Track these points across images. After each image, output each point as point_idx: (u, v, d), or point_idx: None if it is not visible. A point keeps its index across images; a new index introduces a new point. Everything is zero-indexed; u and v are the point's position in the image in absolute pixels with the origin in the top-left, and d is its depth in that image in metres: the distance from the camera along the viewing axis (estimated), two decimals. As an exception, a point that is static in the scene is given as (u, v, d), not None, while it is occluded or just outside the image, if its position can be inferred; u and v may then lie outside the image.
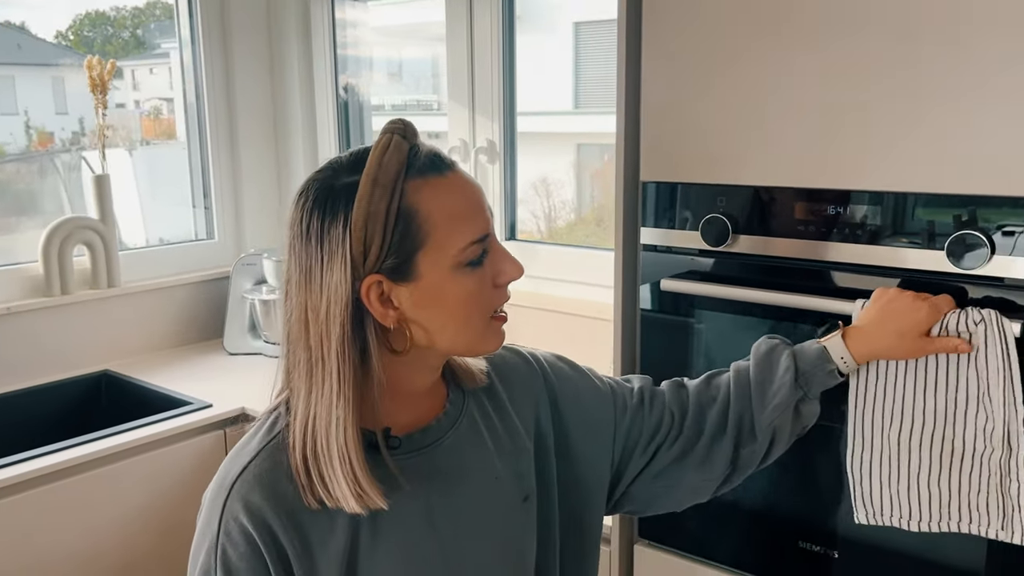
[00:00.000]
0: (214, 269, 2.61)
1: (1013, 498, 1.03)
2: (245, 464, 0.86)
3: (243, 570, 0.84)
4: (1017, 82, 1.01)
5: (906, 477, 1.08)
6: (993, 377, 1.02)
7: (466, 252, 0.84)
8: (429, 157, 0.84)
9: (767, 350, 1.06)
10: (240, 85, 2.63)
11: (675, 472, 1.05)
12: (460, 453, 0.93)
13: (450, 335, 0.87)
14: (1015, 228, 1.03)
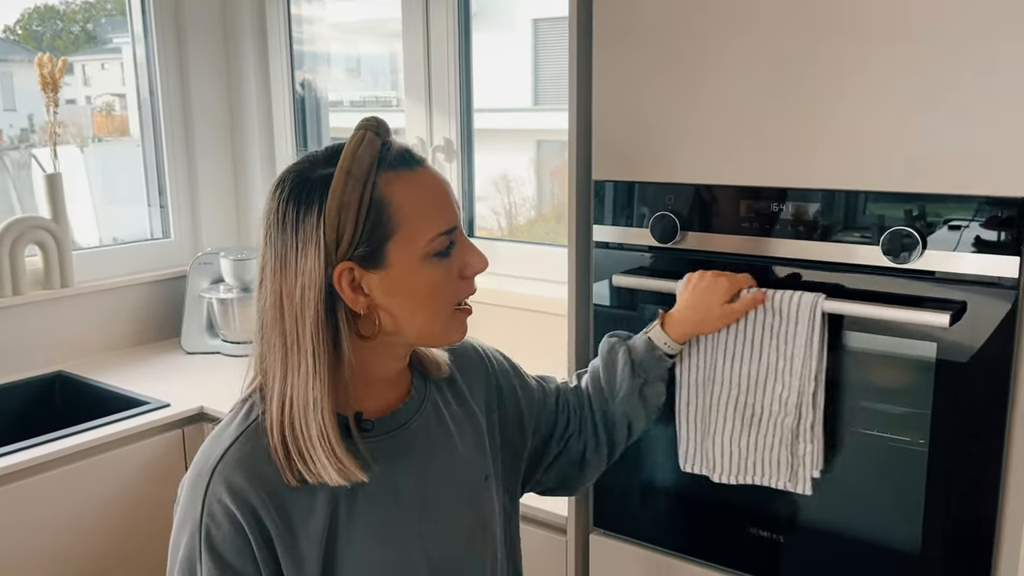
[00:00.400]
0: (170, 268, 2.59)
1: (799, 457, 1.19)
2: (225, 449, 0.89)
3: (228, 551, 0.86)
4: (945, 85, 1.05)
5: (713, 435, 1.24)
6: (798, 351, 1.15)
7: (434, 243, 0.88)
8: (400, 152, 0.89)
9: (608, 349, 1.21)
10: (195, 81, 2.61)
11: (580, 458, 1.18)
12: (426, 436, 0.98)
13: (417, 323, 0.91)
14: (946, 224, 1.08)
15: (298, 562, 0.88)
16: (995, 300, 1.06)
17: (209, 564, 0.86)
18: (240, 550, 0.86)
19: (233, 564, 0.86)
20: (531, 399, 1.15)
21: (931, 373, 1.12)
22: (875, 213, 1.14)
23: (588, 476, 1.20)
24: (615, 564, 1.46)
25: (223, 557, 0.86)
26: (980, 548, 1.12)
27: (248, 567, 0.87)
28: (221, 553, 0.86)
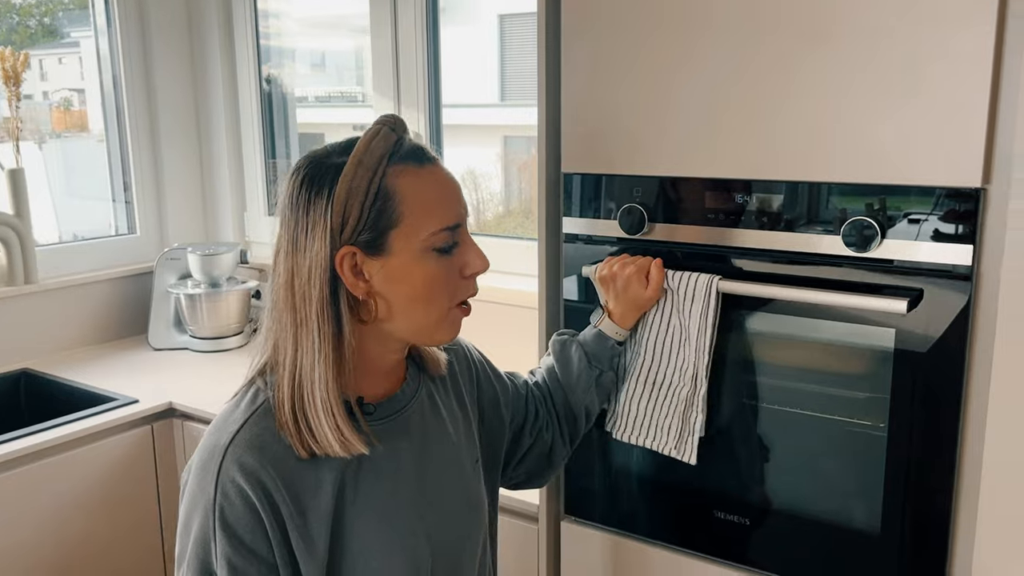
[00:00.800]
0: (136, 264, 2.57)
1: (690, 425, 1.27)
2: (235, 431, 0.91)
3: (243, 529, 0.88)
4: (902, 78, 1.09)
5: (623, 396, 1.32)
6: (694, 326, 1.24)
7: (435, 237, 0.92)
8: (412, 148, 0.93)
9: (560, 347, 1.27)
10: (159, 75, 2.59)
11: (549, 451, 1.24)
12: (422, 420, 1.03)
13: (412, 314, 0.94)
14: (904, 214, 1.12)
15: (308, 541, 0.91)
16: (951, 288, 1.10)
17: (224, 543, 0.88)
18: (254, 529, 0.89)
19: (248, 542, 0.89)
20: (506, 392, 1.19)
21: (890, 359, 1.16)
22: (836, 204, 1.17)
23: (554, 468, 1.26)
24: (586, 551, 1.48)
25: (238, 535, 0.88)
26: (937, 528, 1.16)
27: (262, 546, 0.89)
28: (236, 531, 0.88)
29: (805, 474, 1.27)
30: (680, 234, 1.30)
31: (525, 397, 1.22)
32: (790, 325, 1.25)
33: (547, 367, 1.29)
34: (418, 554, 0.98)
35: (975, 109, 1.05)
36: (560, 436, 1.24)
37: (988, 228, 1.08)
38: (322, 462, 0.92)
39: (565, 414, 1.25)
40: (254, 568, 0.89)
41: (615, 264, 1.28)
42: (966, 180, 1.07)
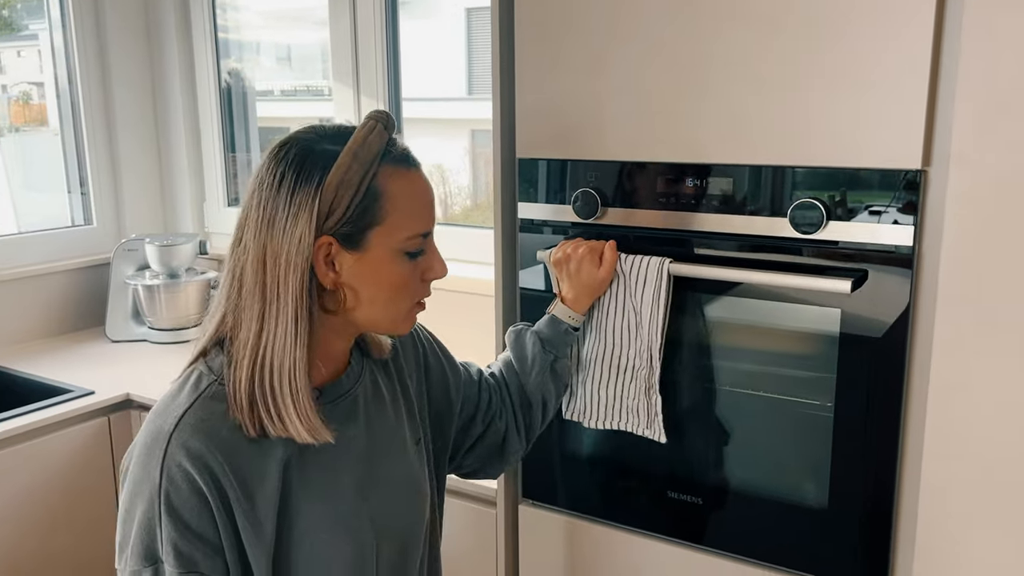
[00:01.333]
0: (93, 255, 2.54)
1: (654, 406, 1.30)
2: (180, 414, 0.90)
3: (189, 513, 0.88)
4: (845, 64, 1.12)
5: (586, 384, 1.34)
6: (646, 308, 1.27)
7: (410, 241, 0.94)
8: (404, 151, 0.95)
9: (515, 336, 1.29)
10: (116, 68, 2.56)
11: (502, 441, 1.25)
12: (366, 404, 1.04)
13: (375, 309, 0.96)
14: (848, 196, 1.15)
15: (255, 525, 0.91)
16: (894, 269, 1.13)
17: (170, 528, 0.87)
18: (200, 513, 0.88)
19: (194, 527, 0.88)
20: (457, 377, 1.20)
21: (836, 339, 1.19)
22: (784, 188, 1.20)
23: (507, 460, 1.26)
24: (544, 534, 1.50)
25: (184, 520, 0.88)
26: (882, 502, 1.19)
27: (208, 530, 0.89)
28: (182, 516, 0.88)
29: (756, 453, 1.30)
30: (633, 218, 1.32)
31: (478, 384, 1.23)
32: (741, 307, 1.27)
33: (503, 358, 1.30)
34: (363, 537, 0.98)
35: (915, 93, 1.08)
36: (515, 425, 1.24)
37: (928, 209, 1.11)
38: (268, 447, 0.92)
39: (520, 401, 1.26)
40: (200, 552, 0.88)
41: (568, 247, 1.30)
42: (906, 162, 1.10)
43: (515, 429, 1.25)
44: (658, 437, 1.31)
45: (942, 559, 1.14)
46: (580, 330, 1.32)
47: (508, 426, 1.24)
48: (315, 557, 0.95)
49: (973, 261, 1.07)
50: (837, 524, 1.23)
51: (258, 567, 0.91)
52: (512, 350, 1.29)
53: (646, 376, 1.30)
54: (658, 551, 1.38)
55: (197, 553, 0.88)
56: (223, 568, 0.90)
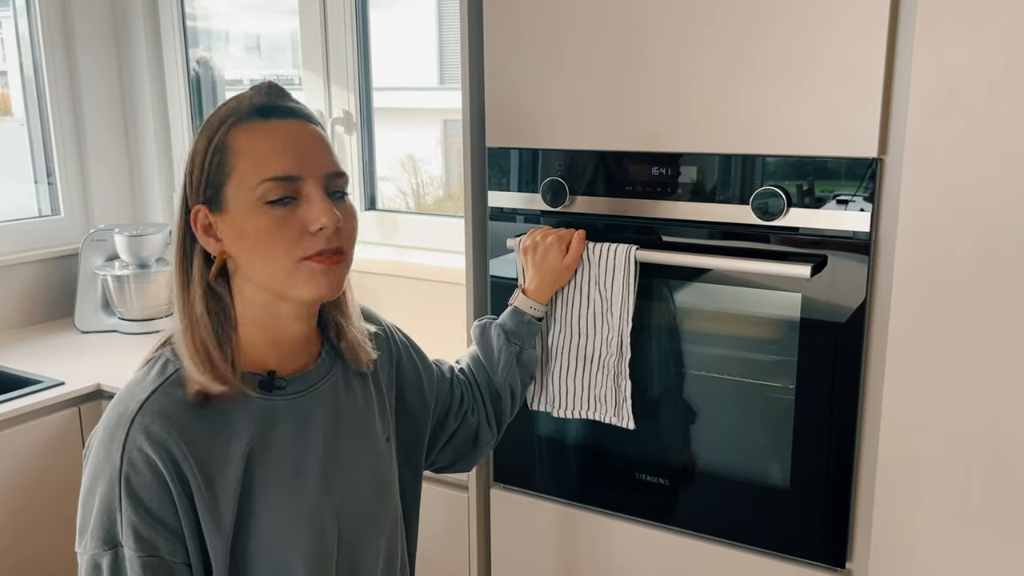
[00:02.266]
0: (61, 246, 2.52)
1: (623, 392, 1.32)
2: (144, 399, 0.90)
3: (150, 497, 0.88)
4: (805, 55, 1.14)
5: (554, 375, 1.37)
6: (616, 295, 1.29)
7: (263, 188, 0.90)
8: (260, 105, 0.92)
9: (480, 330, 1.31)
10: (82, 56, 2.53)
11: (475, 434, 1.25)
12: (335, 398, 1.03)
13: (259, 269, 0.93)
14: (809, 184, 1.18)
15: (215, 513, 0.91)
16: (852, 254, 1.17)
17: (130, 511, 0.87)
18: (161, 498, 0.88)
19: (154, 511, 0.88)
20: (431, 376, 1.20)
21: (797, 323, 1.22)
22: (746, 176, 1.22)
23: (479, 452, 1.27)
24: (515, 517, 1.52)
25: (144, 503, 0.88)
26: (841, 481, 1.23)
27: (168, 514, 0.89)
28: (142, 499, 0.88)
29: (721, 435, 1.33)
30: (601, 206, 1.34)
31: (450, 381, 1.23)
32: (706, 293, 1.30)
33: (470, 353, 1.31)
34: (324, 530, 0.98)
35: (871, 83, 1.11)
36: (486, 419, 1.26)
37: (885, 196, 1.14)
38: (232, 434, 0.93)
39: (490, 394, 1.27)
40: (160, 537, 0.88)
41: (537, 235, 1.32)
42: (863, 151, 1.13)
43: (486, 421, 1.26)
44: (626, 424, 1.33)
45: (898, 536, 1.19)
46: (544, 320, 1.34)
47: (480, 419, 1.25)
48: (275, 548, 0.94)
49: (927, 247, 1.10)
50: (799, 503, 1.26)
51: (216, 556, 0.91)
52: (478, 345, 1.30)
53: (615, 363, 1.32)
54: (627, 531, 1.41)
55: (157, 537, 0.88)
56: (184, 553, 0.90)
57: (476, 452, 1.27)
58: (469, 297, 1.51)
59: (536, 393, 1.39)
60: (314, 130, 0.95)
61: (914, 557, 1.18)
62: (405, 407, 1.15)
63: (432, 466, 1.25)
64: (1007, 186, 1.04)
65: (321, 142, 0.94)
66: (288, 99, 0.95)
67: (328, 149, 0.95)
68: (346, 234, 0.95)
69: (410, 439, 1.16)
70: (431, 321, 2.14)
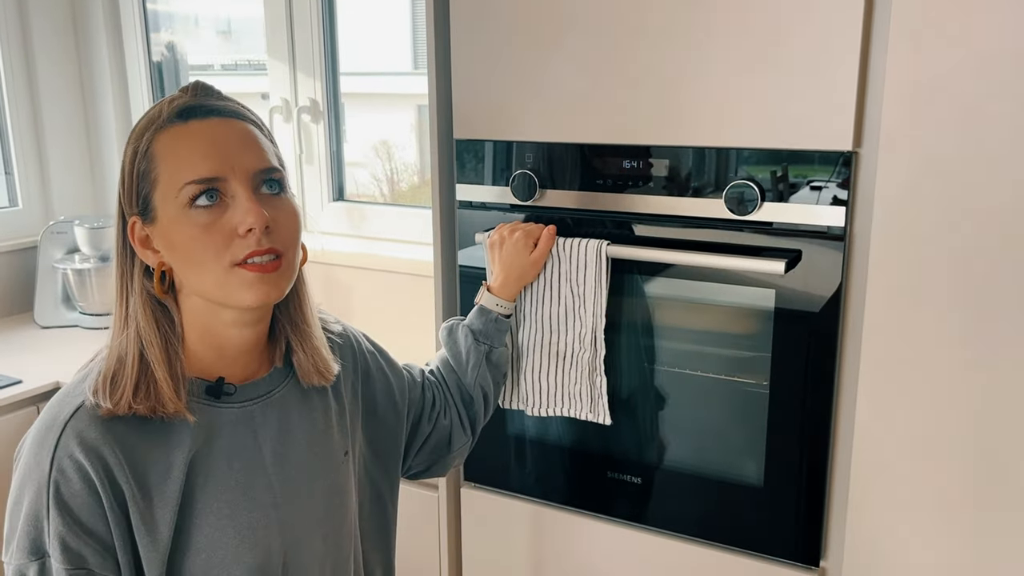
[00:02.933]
0: (19, 239, 2.45)
1: (598, 388, 1.30)
2: (79, 404, 0.86)
3: (79, 507, 0.83)
4: (779, 49, 1.12)
5: (525, 373, 1.34)
6: (589, 291, 1.27)
7: (186, 191, 0.86)
8: (181, 108, 0.88)
9: (448, 332, 1.27)
10: (39, 42, 2.45)
11: (448, 438, 1.22)
12: (287, 409, 0.98)
13: (192, 278, 0.89)
14: (782, 178, 1.15)
15: (150, 526, 0.86)
16: (826, 249, 1.15)
17: (57, 520, 0.83)
18: (91, 509, 0.84)
19: (84, 521, 0.84)
20: (402, 383, 1.15)
21: (771, 319, 1.20)
22: (719, 169, 1.20)
23: (455, 455, 1.23)
24: (486, 516, 1.50)
25: (73, 513, 0.83)
26: (815, 479, 1.21)
27: (99, 525, 0.84)
28: (71, 509, 0.83)
29: (694, 433, 1.31)
30: (570, 199, 1.31)
31: (421, 385, 1.20)
32: (679, 288, 1.28)
33: (439, 356, 1.27)
34: (270, 548, 0.93)
35: (846, 76, 1.08)
36: (459, 421, 1.22)
37: (859, 190, 1.12)
38: (173, 443, 0.88)
39: (461, 397, 1.23)
40: (89, 548, 0.84)
41: (505, 230, 1.28)
42: (838, 144, 1.11)
43: (460, 424, 1.22)
44: (602, 419, 1.31)
45: (872, 535, 1.17)
46: (512, 317, 1.31)
47: (452, 422, 1.22)
48: (215, 565, 0.90)
49: (902, 240, 1.08)
50: (773, 501, 1.25)
51: (151, 570, 0.86)
52: (446, 347, 1.26)
53: (589, 359, 1.29)
54: (599, 531, 1.39)
55: (86, 549, 0.84)
56: (114, 567, 0.85)
57: (451, 456, 1.23)
58: (438, 290, 1.48)
59: (508, 391, 1.36)
60: (240, 126, 0.90)
61: (888, 555, 1.17)
62: (378, 416, 1.11)
63: (408, 472, 1.20)
64: (981, 179, 1.03)
65: (248, 138, 0.89)
66: (214, 97, 0.90)
67: (256, 144, 0.89)
68: (283, 234, 0.89)
69: (385, 448, 1.12)
70: (400, 314, 2.11)
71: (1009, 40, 0.99)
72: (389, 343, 1.19)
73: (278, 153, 0.94)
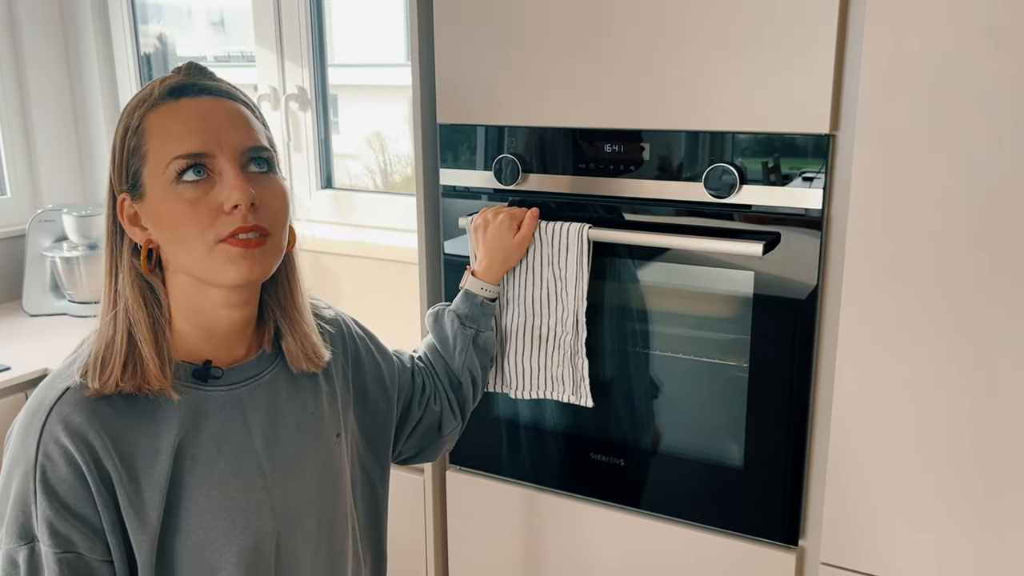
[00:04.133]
0: (7, 227, 2.45)
1: (580, 371, 1.32)
2: (64, 388, 0.86)
3: (66, 492, 0.84)
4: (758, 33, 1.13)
5: (509, 356, 1.35)
6: (570, 275, 1.28)
7: (173, 166, 0.86)
8: (170, 87, 0.89)
9: (434, 318, 1.28)
10: (27, 30, 2.45)
11: (438, 422, 1.23)
12: (276, 391, 0.98)
13: (179, 255, 0.89)
14: (762, 160, 1.17)
15: (139, 509, 0.87)
16: (804, 231, 1.16)
17: (45, 505, 0.84)
18: (78, 492, 0.84)
19: (71, 505, 0.84)
20: (392, 368, 1.16)
21: (750, 301, 1.21)
22: (698, 153, 1.21)
23: (445, 440, 1.24)
24: (471, 498, 1.51)
25: (60, 497, 0.84)
26: (795, 460, 1.23)
27: (86, 509, 0.85)
28: (58, 493, 0.84)
29: (676, 414, 1.32)
30: (553, 184, 1.32)
31: (411, 370, 1.20)
32: (659, 271, 1.29)
33: (426, 342, 1.28)
34: (261, 532, 0.94)
35: (822, 58, 1.09)
36: (449, 406, 1.23)
37: (837, 173, 1.14)
38: (160, 426, 0.89)
39: (450, 382, 1.24)
40: (78, 532, 0.84)
41: (489, 213, 1.29)
42: (815, 127, 1.12)
43: (449, 408, 1.23)
44: (584, 401, 1.32)
45: (850, 514, 1.19)
46: (497, 301, 1.32)
47: (443, 406, 1.22)
48: (205, 547, 0.90)
49: (878, 223, 1.10)
50: (753, 482, 1.26)
51: (140, 552, 0.87)
52: (432, 333, 1.27)
53: (571, 342, 1.31)
54: (583, 512, 1.41)
55: (74, 533, 0.84)
56: (103, 550, 0.86)
57: (441, 440, 1.24)
58: (422, 276, 1.49)
59: (492, 375, 1.37)
60: (230, 105, 0.90)
61: (866, 534, 1.18)
62: (368, 401, 1.12)
63: (398, 457, 1.21)
64: (958, 162, 1.04)
65: (237, 116, 0.90)
66: (206, 77, 0.91)
67: (246, 123, 0.90)
68: (270, 213, 0.90)
69: (376, 433, 1.13)
70: (387, 300, 2.12)
71: (985, 21, 1.00)
72: (376, 330, 1.19)
73: (269, 135, 0.94)
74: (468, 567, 1.55)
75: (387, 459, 1.15)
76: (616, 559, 1.39)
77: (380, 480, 1.14)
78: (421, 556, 1.61)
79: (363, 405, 1.11)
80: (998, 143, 1.02)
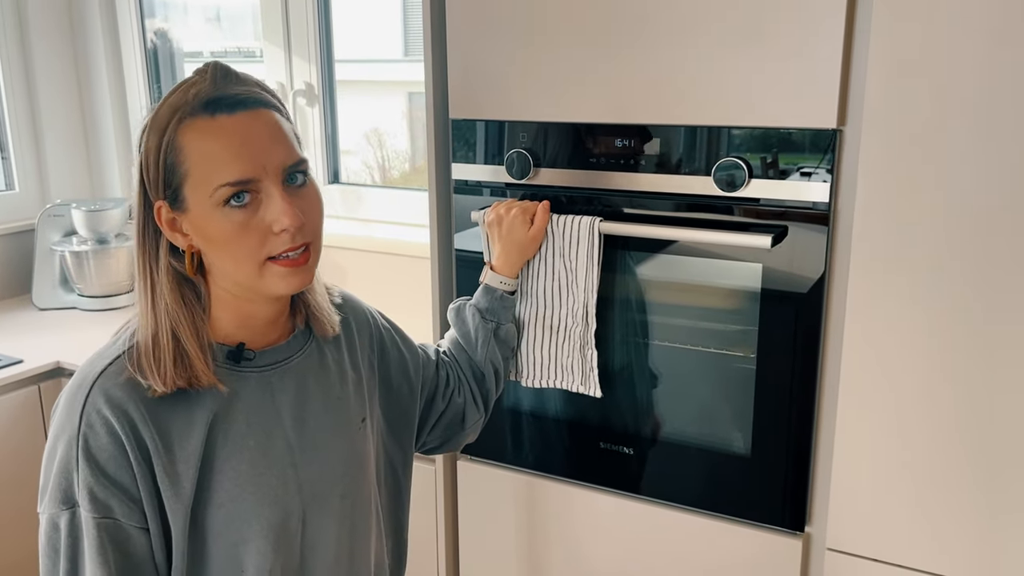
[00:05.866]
0: (16, 221, 2.46)
1: (589, 361, 1.34)
2: (107, 363, 0.91)
3: (106, 460, 0.88)
4: (767, 29, 1.15)
5: (524, 346, 1.38)
6: (581, 267, 1.30)
7: (220, 192, 0.88)
8: (207, 99, 0.88)
9: (456, 313, 1.31)
10: (34, 26, 2.46)
11: (462, 413, 1.26)
12: (306, 374, 1.03)
13: (227, 268, 0.93)
14: (770, 155, 1.19)
15: (174, 480, 0.91)
16: (812, 225, 1.18)
17: (86, 472, 0.88)
18: (118, 461, 0.89)
19: (111, 473, 0.88)
20: (416, 360, 1.20)
21: (758, 293, 1.24)
22: (709, 147, 1.23)
23: (468, 431, 1.28)
24: (482, 487, 1.53)
25: (101, 466, 0.88)
26: (801, 448, 1.25)
27: (125, 478, 0.89)
28: (99, 461, 0.88)
29: (684, 404, 1.35)
30: (564, 178, 1.34)
31: (436, 363, 1.24)
32: (669, 264, 1.31)
33: (449, 336, 1.32)
34: (288, 508, 0.98)
35: (830, 54, 1.12)
36: (472, 398, 1.26)
37: (844, 167, 1.16)
38: (195, 403, 0.93)
39: (473, 374, 1.28)
40: (116, 499, 0.89)
41: (501, 208, 1.32)
42: (823, 122, 1.14)
43: (473, 401, 1.26)
44: (593, 392, 1.35)
45: (855, 501, 1.21)
46: (516, 293, 1.34)
47: (466, 399, 1.26)
48: (235, 519, 0.94)
49: (885, 217, 1.12)
50: (760, 470, 1.29)
51: (175, 521, 0.92)
52: (455, 327, 1.31)
53: (581, 333, 1.33)
54: (594, 500, 1.43)
55: (113, 500, 0.89)
56: (140, 517, 0.90)
57: (464, 431, 1.27)
58: (434, 271, 1.51)
59: (514, 363, 1.40)
60: (267, 118, 0.91)
61: (871, 520, 1.21)
62: (393, 391, 1.15)
63: (423, 448, 1.25)
64: (964, 157, 1.06)
65: (276, 131, 0.91)
66: (235, 83, 0.90)
67: (283, 136, 0.91)
68: (311, 224, 0.94)
69: (400, 422, 1.16)
70: (397, 295, 2.14)
71: (992, 17, 1.02)
72: (384, 323, 1.21)
73: (296, 131, 0.96)
74: (479, 554, 1.57)
75: (410, 447, 1.19)
76: (624, 546, 1.42)
77: (403, 467, 1.18)
78: (432, 544, 1.63)
79: (388, 393, 1.15)
80: (1005, 137, 1.04)
